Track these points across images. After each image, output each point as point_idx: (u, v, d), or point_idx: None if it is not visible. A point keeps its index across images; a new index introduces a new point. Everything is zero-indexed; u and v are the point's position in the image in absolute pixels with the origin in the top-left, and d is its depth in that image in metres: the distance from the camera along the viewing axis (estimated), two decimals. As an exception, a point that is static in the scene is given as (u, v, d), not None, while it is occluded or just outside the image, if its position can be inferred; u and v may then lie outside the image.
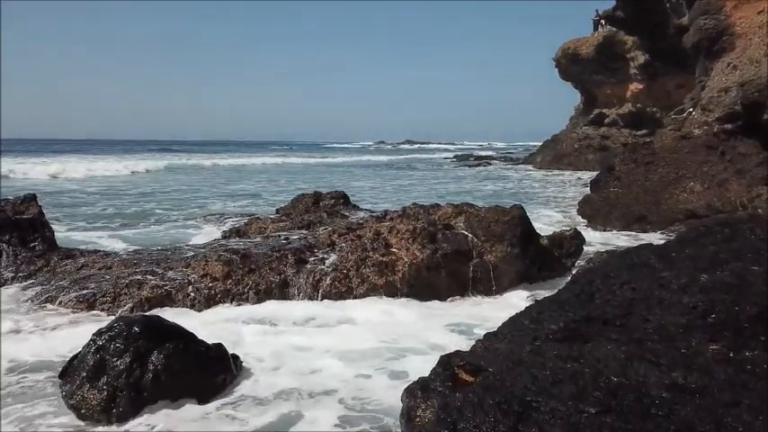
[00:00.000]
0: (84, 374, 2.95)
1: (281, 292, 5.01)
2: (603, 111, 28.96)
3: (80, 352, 3.07)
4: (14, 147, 54.43)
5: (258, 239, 6.34)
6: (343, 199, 8.37)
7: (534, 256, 5.51)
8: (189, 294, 4.90)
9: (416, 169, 32.69)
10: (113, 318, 4.81)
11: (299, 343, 3.86)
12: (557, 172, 26.15)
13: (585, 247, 6.16)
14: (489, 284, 5.25)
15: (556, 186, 19.20)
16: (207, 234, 8.35)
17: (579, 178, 21.35)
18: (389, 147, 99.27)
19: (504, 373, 2.57)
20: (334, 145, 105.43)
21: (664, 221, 8.63)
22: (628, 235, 8.57)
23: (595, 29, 28.64)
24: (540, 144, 36.41)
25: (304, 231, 6.59)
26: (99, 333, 3.09)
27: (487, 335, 3.00)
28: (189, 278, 5.09)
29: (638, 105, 26.79)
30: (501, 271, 5.28)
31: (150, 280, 5.05)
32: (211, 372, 3.22)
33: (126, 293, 4.88)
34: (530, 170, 28.93)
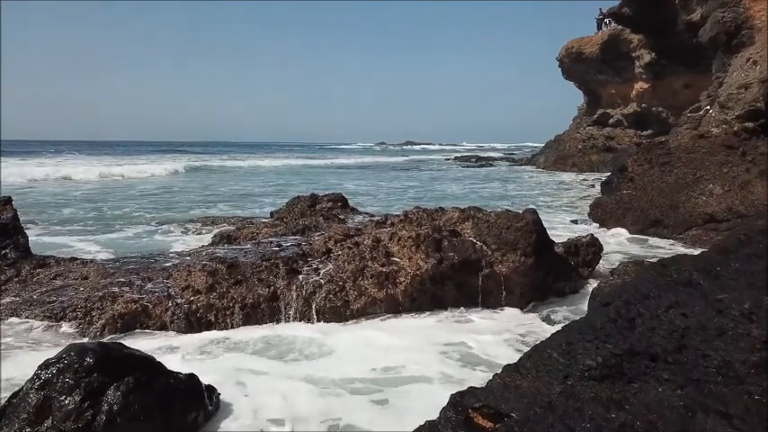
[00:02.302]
0: (25, 416, 2.47)
1: (270, 306, 4.52)
2: (608, 111, 28.47)
3: (22, 387, 2.59)
4: (11, 147, 53.90)
5: (249, 246, 5.87)
6: (341, 202, 7.90)
7: (549, 266, 5.02)
8: (167, 309, 4.41)
9: (418, 170, 32.20)
10: (88, 337, 4.37)
11: (285, 373, 3.37)
12: (560, 173, 25.67)
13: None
14: (500, 298, 4.76)
15: (560, 188, 18.72)
16: (195, 239, 7.87)
17: (584, 179, 20.92)
18: (391, 147, 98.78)
19: (532, 421, 2.08)
20: (335, 146, 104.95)
21: (681, 226, 8.15)
22: (643, 240, 8.10)
23: (599, 28, 28.20)
24: (543, 145, 35.87)
25: (298, 237, 6.12)
26: (45, 365, 2.60)
27: (507, 368, 2.50)
28: (169, 291, 4.61)
29: (644, 105, 26.25)
30: (514, 283, 4.78)
31: (126, 293, 4.57)
32: (181, 410, 2.73)
33: (98, 308, 4.39)
34: (533, 171, 28.45)
